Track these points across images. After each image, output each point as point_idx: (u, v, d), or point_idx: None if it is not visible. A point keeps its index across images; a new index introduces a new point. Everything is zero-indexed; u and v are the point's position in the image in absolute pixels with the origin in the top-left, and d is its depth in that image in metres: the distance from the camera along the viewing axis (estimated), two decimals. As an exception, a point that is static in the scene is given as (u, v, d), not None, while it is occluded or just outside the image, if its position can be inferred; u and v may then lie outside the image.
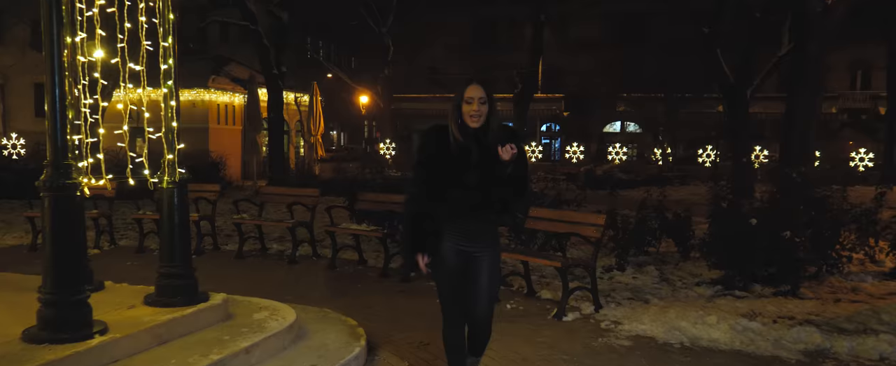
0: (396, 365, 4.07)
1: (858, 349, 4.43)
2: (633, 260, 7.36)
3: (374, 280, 6.53)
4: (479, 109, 2.97)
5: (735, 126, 17.43)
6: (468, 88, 3.00)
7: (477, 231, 3.07)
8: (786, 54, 16.62)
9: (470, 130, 2.99)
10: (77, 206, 3.26)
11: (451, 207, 3.02)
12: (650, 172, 24.93)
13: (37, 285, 3.27)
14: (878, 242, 7.53)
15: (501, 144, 2.88)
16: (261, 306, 4.34)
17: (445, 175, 3.01)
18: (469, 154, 2.99)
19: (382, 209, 6.99)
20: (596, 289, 5.45)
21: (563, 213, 6.14)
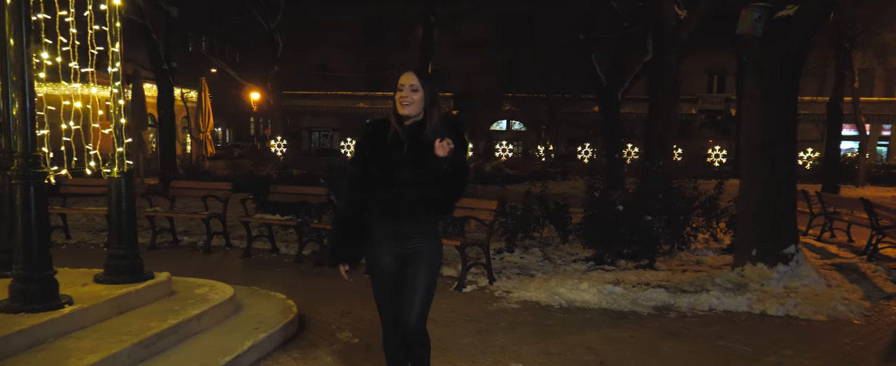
0: (324, 329, 4.72)
1: (694, 304, 5.58)
2: (521, 244, 8.35)
3: (289, 266, 7.09)
4: (408, 95, 2.81)
5: (608, 125, 19.09)
6: (401, 77, 2.88)
7: (411, 231, 2.87)
8: (650, 61, 18.52)
9: (405, 123, 2.85)
10: (44, 193, 3.68)
11: (381, 206, 2.86)
12: (535, 167, 26.59)
13: None
14: (718, 224, 9.00)
15: (440, 138, 2.73)
16: (199, 283, 4.85)
17: (377, 172, 2.85)
18: (396, 148, 2.83)
19: (296, 200, 7.55)
20: (490, 265, 6.35)
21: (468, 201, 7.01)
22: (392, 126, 2.86)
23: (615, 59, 18.49)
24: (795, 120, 7.03)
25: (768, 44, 6.72)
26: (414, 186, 2.79)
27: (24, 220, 3.59)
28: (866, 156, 25.40)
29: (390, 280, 2.91)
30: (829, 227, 10.08)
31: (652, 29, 14.67)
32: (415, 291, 2.86)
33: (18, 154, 3.63)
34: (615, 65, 18.47)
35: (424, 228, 2.90)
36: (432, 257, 2.92)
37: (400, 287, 2.89)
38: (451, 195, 2.85)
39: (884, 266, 7.50)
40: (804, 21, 6.61)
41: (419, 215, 2.85)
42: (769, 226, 6.60)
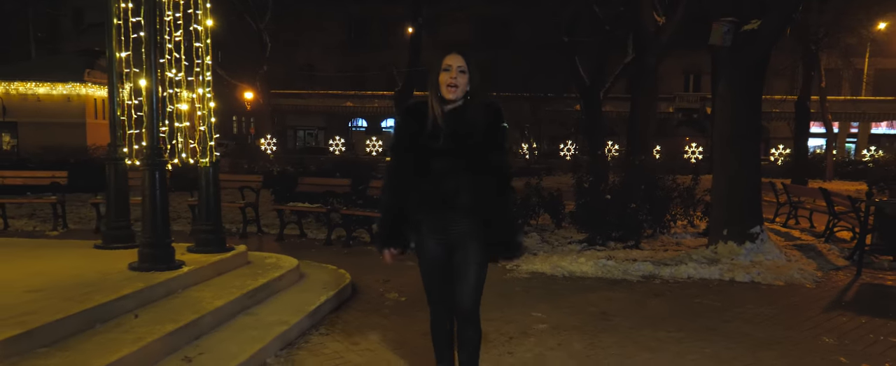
0: (373, 292, 5.69)
1: (675, 273, 6.65)
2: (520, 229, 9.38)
3: (321, 248, 8.03)
4: (456, 77, 2.73)
5: (590, 123, 20.19)
6: (446, 57, 2.77)
7: (453, 219, 2.80)
8: (630, 62, 19.69)
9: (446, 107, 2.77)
10: (165, 177, 4.61)
11: (421, 195, 2.81)
12: (519, 164, 27.71)
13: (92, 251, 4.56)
14: (695, 212, 10.10)
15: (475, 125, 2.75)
16: (266, 256, 5.81)
17: (415, 161, 2.79)
18: (437, 135, 2.75)
19: (322, 191, 8.51)
20: (500, 243, 7.35)
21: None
22: (430, 111, 2.76)
23: (597, 61, 19.62)
24: (759, 118, 8.14)
25: (736, 53, 7.82)
26: (453, 175, 2.75)
27: (150, 199, 4.52)
28: (834, 152, 26.87)
29: (437, 267, 2.90)
30: (794, 214, 11.25)
31: (633, 34, 15.77)
32: (466, 276, 2.85)
33: (146, 147, 4.55)
34: (597, 66, 19.61)
35: (466, 215, 2.79)
36: (480, 242, 2.83)
37: (450, 273, 2.88)
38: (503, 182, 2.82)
39: (838, 246, 8.66)
40: (766, 33, 7.71)
41: (459, 203, 2.76)
42: (737, 209, 7.69)
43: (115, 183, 5.40)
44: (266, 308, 4.55)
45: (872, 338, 4.67)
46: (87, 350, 3.20)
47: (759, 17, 7.74)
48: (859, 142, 39.60)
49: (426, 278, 3.01)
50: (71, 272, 4.38)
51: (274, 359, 3.84)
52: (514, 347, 4.25)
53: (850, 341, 4.57)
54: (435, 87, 2.79)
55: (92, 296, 3.75)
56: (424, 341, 4.31)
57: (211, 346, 3.70)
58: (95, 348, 3.23)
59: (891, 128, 39.20)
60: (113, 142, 5.38)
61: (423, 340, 4.36)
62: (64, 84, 25.32)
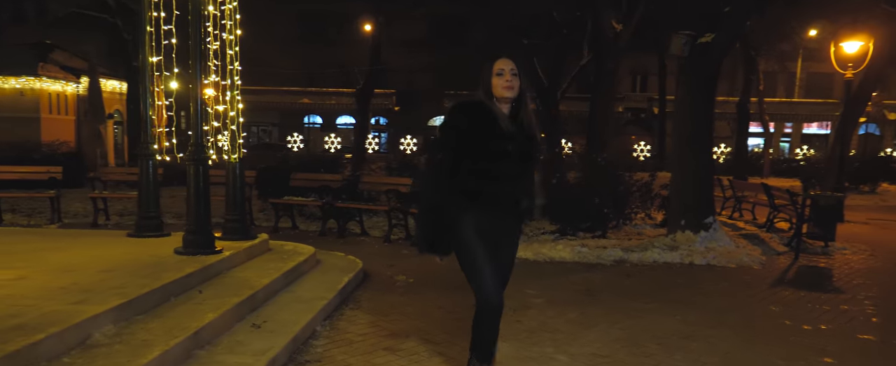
0: (382, 275, 6.33)
1: (642, 258, 7.53)
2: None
3: (317, 238, 8.60)
4: (511, 80, 2.82)
5: (547, 122, 21.12)
6: (498, 62, 2.85)
7: (507, 217, 2.96)
8: (585, 64, 20.75)
9: (503, 105, 2.86)
10: (207, 170, 5.16)
11: (487, 198, 2.86)
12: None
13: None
14: (652, 206, 11.07)
15: (534, 131, 2.91)
16: (284, 243, 6.39)
17: (483, 164, 2.81)
18: (508, 139, 2.82)
19: (318, 185, 9.09)
20: (485, 233, 8.10)
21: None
22: (496, 113, 2.82)
23: (555, 62, 20.60)
24: (713, 120, 9.11)
25: (693, 62, 8.75)
26: (520, 177, 2.90)
27: (195, 190, 5.07)
28: (770, 151, 28.68)
29: (489, 259, 2.92)
30: (738, 208, 12.37)
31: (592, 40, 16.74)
32: (507, 268, 3.06)
33: (191, 143, 5.09)
34: (555, 67, 20.58)
35: (517, 215, 3.00)
36: (516, 245, 3.11)
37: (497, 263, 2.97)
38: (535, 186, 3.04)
39: (778, 235, 9.73)
40: (719, 45, 8.68)
41: (522, 205, 2.95)
42: (694, 202, 8.64)
43: (147, 177, 5.89)
44: (300, 287, 5.16)
45: (810, 307, 5.60)
46: (176, 316, 3.78)
47: (712, 31, 8.71)
48: (793, 141, 42.01)
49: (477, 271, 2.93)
50: (127, 257, 4.90)
51: (321, 327, 4.48)
52: (520, 316, 4.99)
53: (793, 309, 5.49)
54: (488, 92, 2.86)
55: (160, 275, 4.30)
56: (441, 313, 5.04)
57: (269, 315, 4.30)
58: (183, 315, 3.80)
59: (821, 128, 41.72)
60: (145, 139, 5.87)
61: (440, 312, 5.07)
62: (17, 78, 24.86)
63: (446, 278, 6.39)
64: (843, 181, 12.99)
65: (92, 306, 3.51)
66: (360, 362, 3.86)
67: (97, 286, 3.95)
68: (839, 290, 6.35)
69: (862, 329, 4.97)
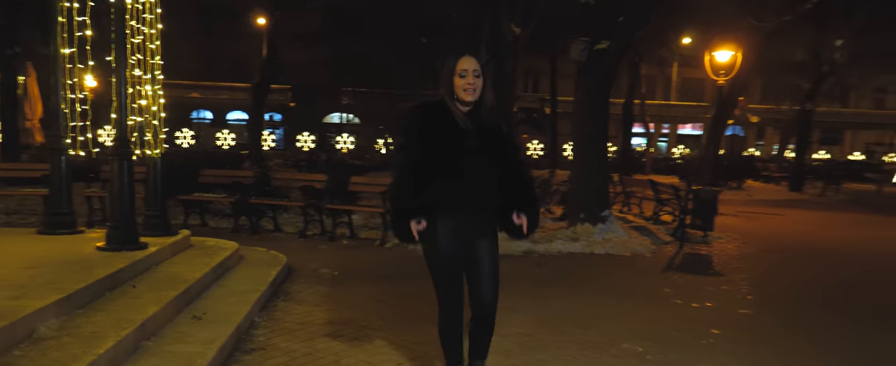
0: (306, 269, 6.45)
1: (548, 249, 8.09)
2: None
3: (229, 235, 8.50)
4: (473, 81, 2.78)
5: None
6: (460, 61, 2.81)
7: (478, 218, 2.90)
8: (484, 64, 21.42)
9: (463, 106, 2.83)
10: (133, 166, 5.10)
11: (448, 196, 2.81)
12: (377, 159, 28.68)
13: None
14: (552, 201, 11.79)
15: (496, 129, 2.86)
16: (205, 239, 6.36)
17: (441, 160, 2.78)
18: (467, 136, 2.81)
19: (230, 182, 8.99)
20: (401, 227, 8.37)
21: (379, 179, 8.95)
22: (453, 112, 2.81)
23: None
24: (609, 120, 9.86)
25: (590, 66, 9.44)
26: (485, 175, 2.84)
27: (119, 185, 5.00)
28: (651, 150, 30.81)
29: (458, 265, 2.94)
30: (627, 202, 13.35)
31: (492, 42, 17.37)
32: (490, 271, 2.97)
33: (116, 138, 5.02)
34: (455, 67, 21.12)
35: (493, 213, 2.92)
36: (494, 242, 3.00)
37: (463, 273, 2.97)
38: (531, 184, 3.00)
39: (663, 226, 10.65)
40: (614, 51, 9.42)
41: (489, 202, 2.88)
42: (592, 197, 9.33)
43: (59, 172, 5.69)
44: (230, 281, 5.22)
45: (696, 288, 6.31)
46: (118, 310, 3.79)
47: (607, 38, 9.44)
48: (670, 141, 45.20)
49: (445, 278, 2.98)
50: (50, 254, 4.76)
51: (258, 318, 4.59)
52: (446, 303, 5.32)
53: (682, 290, 6.16)
54: (449, 91, 2.84)
55: (92, 270, 4.26)
56: (372, 302, 5.28)
57: (207, 307, 4.37)
58: (124, 309, 3.82)
59: (694, 129, 45.16)
60: (56, 133, 5.67)
61: (371, 301, 5.31)
62: None
63: (371, 270, 6.65)
64: (717, 178, 14.34)
65: (32, 301, 3.48)
66: (304, 348, 4.03)
67: (29, 282, 3.88)
68: (719, 273, 7.16)
69: (740, 305, 5.69)
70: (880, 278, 7.36)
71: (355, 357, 3.93)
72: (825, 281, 7.04)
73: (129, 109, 5.15)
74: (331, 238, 8.34)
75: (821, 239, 10.38)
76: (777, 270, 7.65)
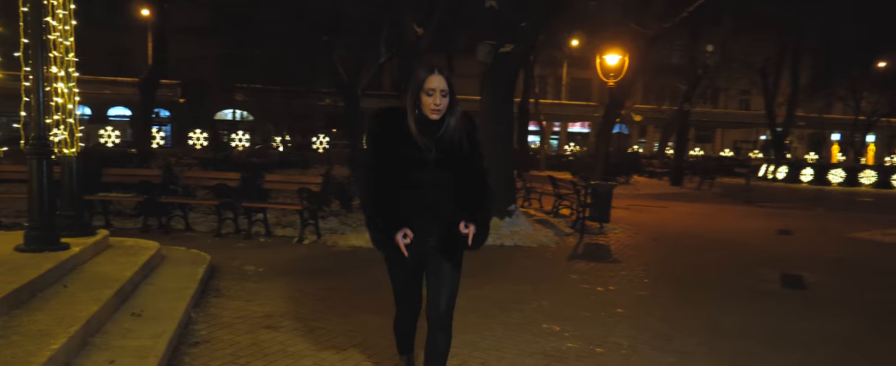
0: (229, 266, 6.48)
1: (461, 241, 8.48)
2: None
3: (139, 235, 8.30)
4: (440, 102, 2.73)
5: (350, 118, 21.73)
6: (429, 78, 2.72)
7: (438, 230, 2.83)
8: (385, 62, 21.73)
9: (427, 122, 2.77)
10: (51, 165, 4.97)
11: (407, 206, 2.77)
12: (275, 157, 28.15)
13: None
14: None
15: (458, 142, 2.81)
16: (124, 240, 6.24)
17: (400, 170, 2.76)
18: (427, 151, 2.76)
19: (137, 180, 8.75)
20: (318, 224, 8.50)
21: (294, 176, 8.99)
22: (410, 127, 2.75)
23: (356, 59, 21.24)
24: (513, 118, 10.41)
25: (496, 68, 9.95)
26: (441, 186, 2.80)
27: (38, 185, 4.87)
28: (546, 147, 32.19)
29: (413, 273, 2.96)
30: (528, 197, 14.05)
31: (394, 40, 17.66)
32: (445, 283, 2.90)
33: (33, 137, 4.88)
34: (356, 64, 21.23)
35: (449, 223, 2.83)
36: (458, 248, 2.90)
37: (429, 276, 2.92)
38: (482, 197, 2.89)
39: (563, 219, 11.36)
40: (517, 54, 9.98)
41: (445, 213, 2.81)
42: (500, 191, 9.82)
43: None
44: (159, 279, 5.21)
45: (599, 274, 6.91)
46: (58, 308, 3.77)
47: (511, 42, 9.99)
48: (561, 138, 47.31)
49: (400, 285, 3.04)
50: (-37, 256, 4.59)
51: (194, 314, 4.66)
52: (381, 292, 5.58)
53: (588, 276, 6.74)
54: (413, 104, 2.76)
55: (20, 271, 4.17)
56: (303, 296, 5.45)
57: (143, 305, 4.39)
58: (64, 307, 3.80)
59: (583, 127, 47.52)
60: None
61: (302, 295, 5.47)
62: None
63: (295, 266, 6.78)
64: (609, 173, 15.38)
65: (-31, 302, 3.43)
66: (248, 340, 4.17)
67: (-43, 285, 3.78)
68: (617, 260, 7.83)
69: (638, 288, 6.33)
70: (749, 259, 8.30)
71: (299, 346, 4.12)
72: (706, 264, 7.88)
73: (46, 108, 5.01)
74: (246, 236, 8.34)
75: (700, 228, 11.47)
76: (666, 256, 8.45)
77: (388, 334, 4.37)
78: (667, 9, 20.15)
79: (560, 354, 4.21)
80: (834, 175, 27.15)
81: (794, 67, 30.12)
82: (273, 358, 3.87)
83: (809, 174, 27.80)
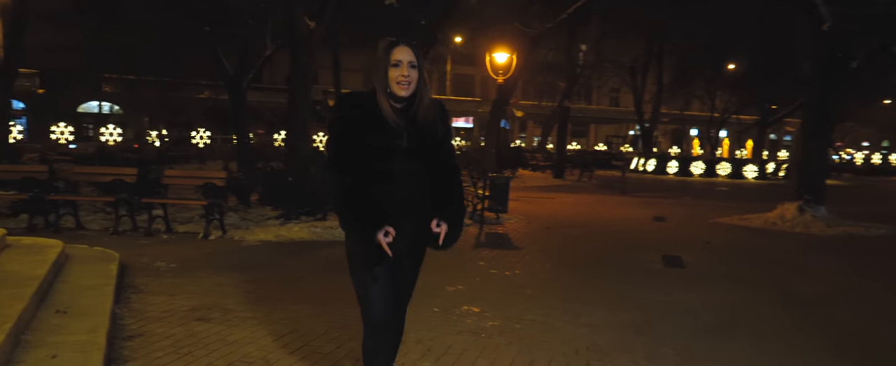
0: (138, 263, 6.31)
1: (369, 233, 8.68)
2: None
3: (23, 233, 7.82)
4: (408, 73, 2.53)
5: (235, 112, 21.12)
6: (395, 50, 2.55)
7: (411, 225, 2.59)
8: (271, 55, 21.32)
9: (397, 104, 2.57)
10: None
11: (380, 199, 2.51)
12: (153, 152, 26.76)
13: None
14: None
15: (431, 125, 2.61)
16: (21, 239, 5.91)
17: (369, 160, 2.52)
18: (398, 135, 2.53)
19: (19, 178, 8.20)
20: (223, 219, 8.38)
21: (196, 171, 8.78)
22: (383, 107, 2.54)
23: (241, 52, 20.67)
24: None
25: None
26: (415, 176, 2.58)
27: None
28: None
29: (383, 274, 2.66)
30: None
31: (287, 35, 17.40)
32: (409, 280, 2.78)
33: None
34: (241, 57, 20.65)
35: (422, 218, 2.62)
36: (420, 256, 2.77)
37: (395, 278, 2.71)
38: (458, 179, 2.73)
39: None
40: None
41: (419, 206, 2.60)
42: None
43: None
44: (72, 277, 5.04)
45: (504, 259, 7.38)
46: (-18, 309, 3.63)
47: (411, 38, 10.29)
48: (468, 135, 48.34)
49: (369, 288, 2.67)
50: None
51: (119, 309, 4.58)
52: (302, 285, 5.69)
53: (494, 262, 7.19)
54: (383, 83, 2.55)
55: (-74, 272, 3.96)
56: (225, 288, 5.48)
57: (66, 302, 4.27)
58: (-13, 308, 3.67)
59: (467, 122, 48.77)
60: None
61: (223, 288, 5.50)
62: None
63: (207, 261, 6.72)
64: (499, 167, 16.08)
65: None
66: (183, 332, 4.20)
67: None
68: (518, 247, 8.36)
69: (541, 272, 6.84)
70: (633, 244, 9.11)
71: (237, 335, 4.20)
72: (597, 248, 8.59)
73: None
74: (147, 233, 8.07)
75: (586, 216, 12.34)
76: (560, 242, 9.09)
77: (322, 321, 4.57)
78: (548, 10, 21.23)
79: (485, 331, 4.57)
80: (695, 167, 29.74)
81: (658, 68, 32.64)
82: (214, 347, 3.94)
83: (675, 166, 30.27)
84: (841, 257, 8.58)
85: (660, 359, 4.09)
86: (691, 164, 29.95)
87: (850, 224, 11.46)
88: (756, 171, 28.90)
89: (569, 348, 4.27)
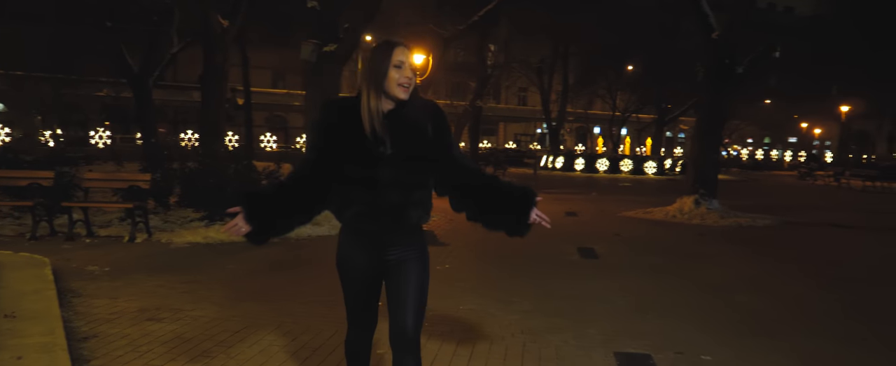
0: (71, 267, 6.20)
1: (299, 234, 8.82)
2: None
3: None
4: (411, 77, 2.44)
5: (141, 111, 20.42)
6: (396, 51, 2.43)
7: (393, 237, 2.51)
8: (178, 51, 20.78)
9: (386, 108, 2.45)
10: None
11: (358, 208, 2.45)
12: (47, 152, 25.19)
13: None
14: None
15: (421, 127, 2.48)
16: (-61, 245, 5.69)
17: (355, 169, 2.43)
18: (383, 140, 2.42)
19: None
20: (148, 221, 8.28)
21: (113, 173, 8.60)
22: (370, 112, 2.43)
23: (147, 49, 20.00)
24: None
25: (320, 66, 10.38)
26: (402, 186, 2.45)
27: None
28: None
29: (368, 286, 2.60)
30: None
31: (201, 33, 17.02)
32: (408, 298, 2.56)
33: None
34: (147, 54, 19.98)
35: (409, 231, 2.54)
36: (420, 259, 2.61)
37: (377, 294, 2.65)
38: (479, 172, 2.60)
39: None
40: (341, 53, 10.50)
41: (406, 218, 2.48)
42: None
43: None
44: (7, 282, 4.96)
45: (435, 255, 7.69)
46: (-68, 316, 3.61)
47: (334, 42, 10.48)
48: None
49: (352, 298, 2.65)
50: None
51: (65, 313, 4.58)
52: (246, 283, 5.82)
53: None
54: (379, 84, 2.42)
55: None
56: (166, 290, 5.55)
57: (11, 308, 4.25)
58: (-63, 314, 3.65)
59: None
60: None
61: (164, 289, 5.57)
62: None
63: (142, 264, 6.72)
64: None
65: None
66: (137, 331, 4.29)
67: None
68: (446, 243, 8.77)
69: (470, 265, 7.28)
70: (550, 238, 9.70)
71: (193, 332, 4.34)
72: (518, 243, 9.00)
73: None
74: (69, 238, 7.87)
75: (504, 212, 12.89)
76: (482, 238, 9.53)
77: (272, 317, 4.78)
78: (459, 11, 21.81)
79: (428, 319, 4.91)
80: (601, 164, 31.27)
81: (564, 69, 34.08)
82: (173, 344, 4.07)
83: (582, 163, 31.69)
84: (734, 246, 9.52)
85: (586, 338, 4.58)
86: (597, 161, 31.46)
87: (739, 215, 12.63)
88: (655, 167, 30.74)
89: (506, 331, 4.69)
